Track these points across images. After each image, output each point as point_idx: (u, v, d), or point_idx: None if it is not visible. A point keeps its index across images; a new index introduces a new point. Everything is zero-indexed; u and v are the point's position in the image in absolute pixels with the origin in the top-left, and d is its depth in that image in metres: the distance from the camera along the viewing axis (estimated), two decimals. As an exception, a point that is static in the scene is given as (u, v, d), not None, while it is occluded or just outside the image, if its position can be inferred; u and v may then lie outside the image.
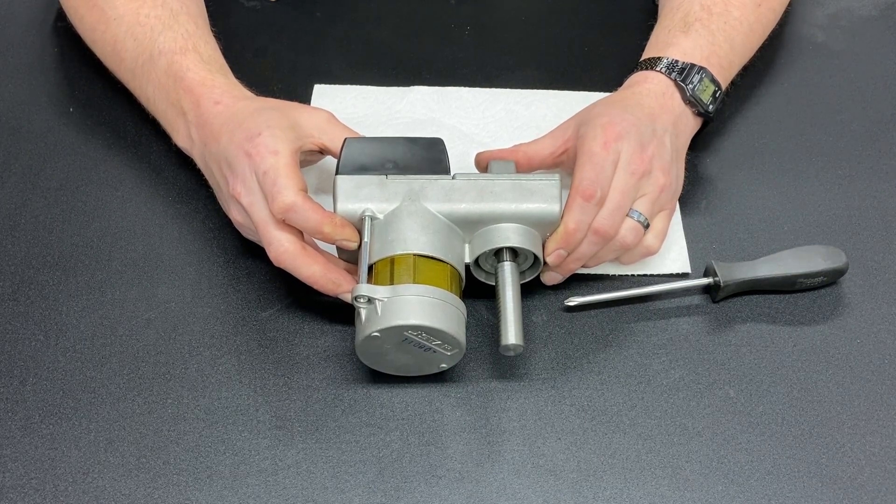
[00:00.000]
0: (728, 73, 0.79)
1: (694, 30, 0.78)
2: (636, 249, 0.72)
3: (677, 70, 0.75)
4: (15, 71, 0.88)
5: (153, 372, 0.69)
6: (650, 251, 0.72)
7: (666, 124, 0.73)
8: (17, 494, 0.63)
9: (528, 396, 0.68)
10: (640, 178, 0.69)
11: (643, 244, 0.72)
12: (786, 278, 0.72)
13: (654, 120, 0.72)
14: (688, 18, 0.79)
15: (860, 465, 0.65)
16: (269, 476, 0.64)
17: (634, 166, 0.69)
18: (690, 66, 0.75)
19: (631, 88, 0.76)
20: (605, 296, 0.72)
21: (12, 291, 0.73)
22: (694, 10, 0.79)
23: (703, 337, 0.72)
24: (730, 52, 0.79)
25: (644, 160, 0.69)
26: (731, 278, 0.72)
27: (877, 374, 0.70)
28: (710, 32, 0.78)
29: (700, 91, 0.75)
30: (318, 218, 0.65)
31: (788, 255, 0.73)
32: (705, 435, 0.67)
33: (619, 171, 0.69)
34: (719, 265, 0.72)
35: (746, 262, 0.73)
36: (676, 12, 0.80)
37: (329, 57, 0.89)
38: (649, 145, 0.70)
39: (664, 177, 0.71)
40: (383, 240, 0.66)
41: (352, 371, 0.69)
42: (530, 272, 0.70)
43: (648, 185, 0.70)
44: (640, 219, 0.70)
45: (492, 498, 0.64)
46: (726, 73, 0.79)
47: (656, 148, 0.71)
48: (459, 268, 0.67)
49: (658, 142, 0.71)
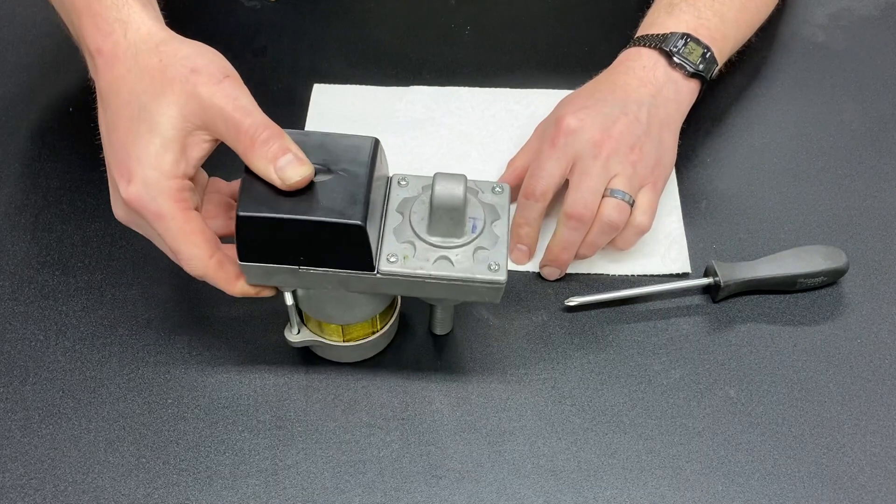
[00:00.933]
0: (721, 45, 0.78)
1: (678, 9, 0.78)
2: (628, 230, 0.72)
3: (657, 39, 0.75)
4: (15, 71, 0.88)
5: (153, 372, 0.69)
6: (642, 228, 0.72)
7: (642, 97, 0.73)
8: (17, 494, 0.63)
9: (528, 396, 0.68)
10: (608, 159, 0.70)
11: (633, 223, 0.71)
12: (786, 278, 0.72)
13: (627, 96, 0.73)
14: (673, 1, 0.79)
15: (860, 465, 0.65)
16: (269, 476, 0.64)
17: (596, 149, 0.70)
18: (671, 33, 0.75)
19: (609, 70, 0.77)
20: (605, 296, 0.72)
21: (12, 291, 0.73)
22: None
23: (703, 337, 0.72)
24: (721, 25, 0.78)
25: (608, 141, 0.70)
26: (731, 278, 0.72)
27: (877, 374, 0.70)
28: (695, 10, 0.78)
29: (686, 53, 0.75)
30: (232, 279, 0.61)
31: (789, 255, 0.73)
32: (705, 435, 0.67)
33: (582, 157, 0.70)
34: (720, 265, 0.72)
35: (746, 262, 0.73)
36: (662, 0, 0.80)
37: (329, 56, 0.89)
38: (615, 125, 0.71)
39: (635, 152, 0.71)
40: (307, 305, 0.65)
41: (351, 371, 0.69)
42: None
43: (619, 163, 0.70)
44: (624, 197, 0.70)
45: (492, 498, 0.64)
46: (719, 44, 0.78)
47: (625, 125, 0.71)
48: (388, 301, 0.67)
49: (629, 118, 0.71)
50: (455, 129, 0.83)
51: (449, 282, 0.60)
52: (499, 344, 0.71)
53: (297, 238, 0.57)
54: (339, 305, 0.64)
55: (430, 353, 0.70)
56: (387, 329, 0.68)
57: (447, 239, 0.60)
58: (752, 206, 0.79)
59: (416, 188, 0.63)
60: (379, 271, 0.59)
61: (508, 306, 0.72)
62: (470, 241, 0.60)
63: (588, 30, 0.92)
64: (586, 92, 0.75)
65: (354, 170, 0.58)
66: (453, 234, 0.60)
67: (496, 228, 0.61)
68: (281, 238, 0.58)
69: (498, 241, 0.61)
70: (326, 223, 0.56)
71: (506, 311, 0.72)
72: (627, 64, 0.75)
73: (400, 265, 0.59)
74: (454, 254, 0.60)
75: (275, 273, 0.60)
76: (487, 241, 0.61)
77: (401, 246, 0.60)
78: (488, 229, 0.61)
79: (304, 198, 0.57)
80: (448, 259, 0.60)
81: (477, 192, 0.63)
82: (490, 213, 0.62)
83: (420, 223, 0.61)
